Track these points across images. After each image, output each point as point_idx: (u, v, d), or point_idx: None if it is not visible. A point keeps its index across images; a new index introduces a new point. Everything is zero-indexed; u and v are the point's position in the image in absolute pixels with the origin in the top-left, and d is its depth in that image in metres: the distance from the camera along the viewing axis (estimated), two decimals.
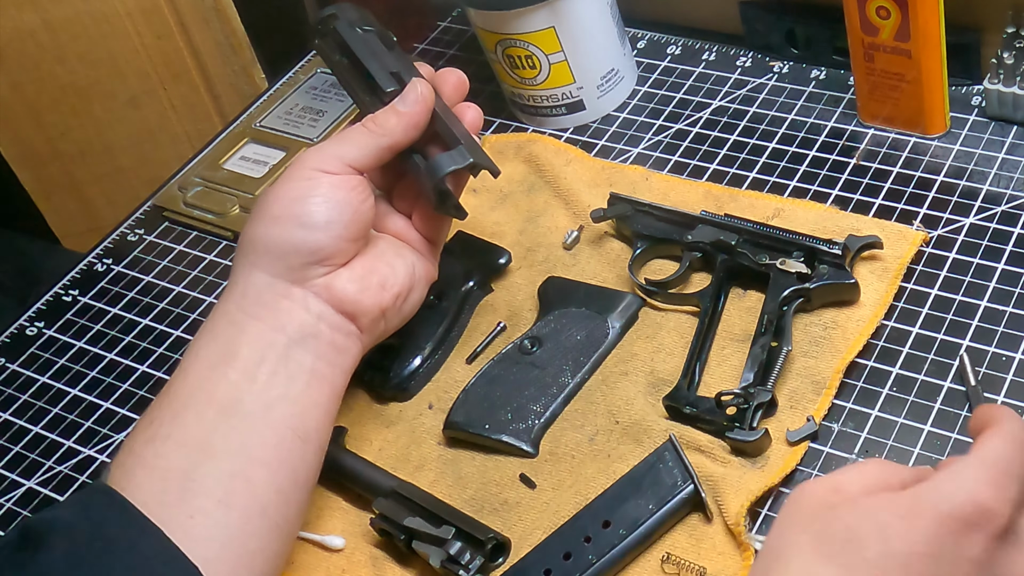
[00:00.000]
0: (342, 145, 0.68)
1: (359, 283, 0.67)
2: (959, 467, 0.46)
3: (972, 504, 0.44)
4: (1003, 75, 0.78)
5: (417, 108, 0.69)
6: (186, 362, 0.65)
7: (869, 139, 0.83)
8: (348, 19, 0.74)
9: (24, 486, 0.78)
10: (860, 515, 0.45)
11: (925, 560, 0.44)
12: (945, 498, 0.44)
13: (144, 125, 1.20)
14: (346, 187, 0.66)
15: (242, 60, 1.15)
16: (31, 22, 1.13)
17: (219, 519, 0.59)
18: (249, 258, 0.67)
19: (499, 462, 0.70)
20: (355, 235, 0.67)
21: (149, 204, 0.97)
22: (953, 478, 0.45)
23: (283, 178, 0.67)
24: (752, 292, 0.75)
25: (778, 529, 0.47)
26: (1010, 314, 0.70)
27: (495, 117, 0.95)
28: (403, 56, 0.73)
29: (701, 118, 0.88)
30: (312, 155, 0.68)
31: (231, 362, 0.64)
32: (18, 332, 0.89)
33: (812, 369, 0.69)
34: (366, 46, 0.72)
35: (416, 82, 0.70)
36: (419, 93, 0.69)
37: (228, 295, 0.67)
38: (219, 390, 0.63)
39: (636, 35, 0.97)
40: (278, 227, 0.66)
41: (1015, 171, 0.78)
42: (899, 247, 0.74)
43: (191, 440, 0.61)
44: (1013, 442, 0.46)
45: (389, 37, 0.74)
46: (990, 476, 0.45)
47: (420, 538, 0.65)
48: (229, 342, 0.65)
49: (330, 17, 0.74)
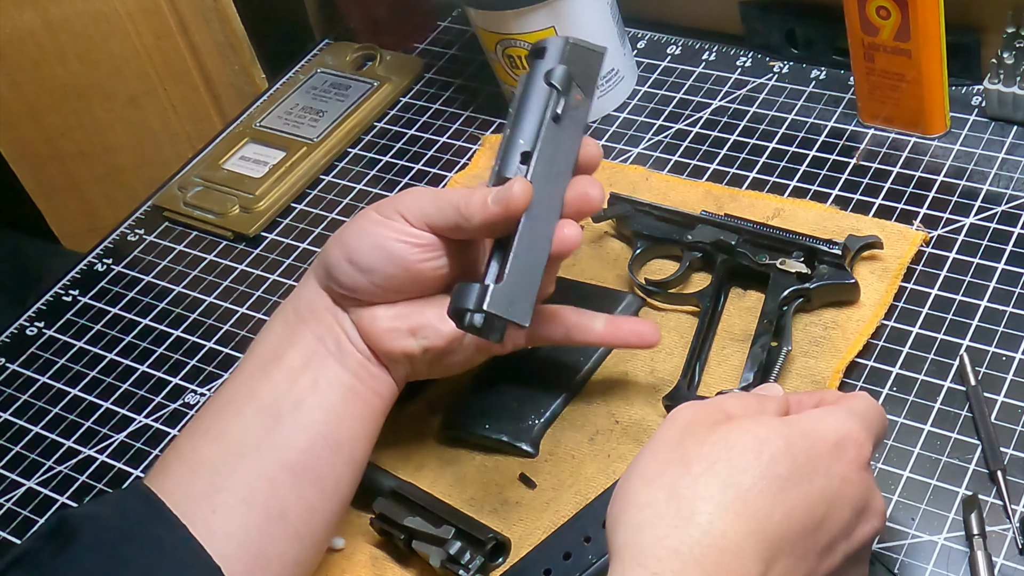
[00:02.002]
0: (432, 201, 0.64)
1: (390, 323, 0.65)
2: (832, 408, 0.54)
3: (845, 432, 0.53)
4: (1003, 75, 0.78)
5: (497, 211, 0.61)
6: (245, 358, 0.66)
7: (869, 139, 0.83)
8: (553, 59, 0.64)
9: (24, 486, 0.78)
10: (750, 432, 0.51)
11: (805, 468, 0.51)
12: (823, 425, 0.53)
13: (144, 125, 1.20)
14: (410, 241, 0.64)
15: (242, 60, 1.15)
16: (31, 22, 1.13)
17: (240, 517, 0.60)
18: (316, 264, 0.67)
19: (499, 462, 0.70)
20: (399, 287, 0.65)
21: (149, 204, 0.97)
22: (829, 414, 0.54)
23: (379, 203, 0.66)
24: (752, 292, 0.75)
25: (669, 441, 0.52)
26: (1010, 314, 0.70)
27: (495, 117, 0.95)
28: (567, 131, 0.63)
29: (701, 118, 0.88)
30: (408, 197, 0.65)
31: (278, 363, 0.64)
32: (18, 332, 0.89)
33: (812, 369, 0.69)
34: (528, 108, 0.63)
35: (517, 183, 0.61)
36: (511, 196, 0.61)
37: (293, 294, 0.68)
38: (261, 389, 0.64)
39: (636, 35, 0.97)
40: (337, 249, 0.65)
41: (1015, 171, 0.78)
42: (899, 247, 0.74)
43: (226, 435, 0.62)
44: (874, 405, 0.56)
45: (577, 105, 0.64)
46: (857, 419, 0.54)
47: (420, 538, 0.65)
48: (280, 342, 0.66)
49: (541, 50, 0.65)
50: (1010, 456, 0.63)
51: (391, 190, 0.91)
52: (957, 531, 0.61)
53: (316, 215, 0.91)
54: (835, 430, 0.52)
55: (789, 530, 0.49)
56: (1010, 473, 0.62)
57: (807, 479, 0.50)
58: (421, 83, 1.00)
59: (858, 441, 0.53)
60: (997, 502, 0.62)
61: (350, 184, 0.93)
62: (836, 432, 0.52)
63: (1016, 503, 0.61)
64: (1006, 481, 0.62)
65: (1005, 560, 0.59)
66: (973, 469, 0.63)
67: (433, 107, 0.98)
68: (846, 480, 0.51)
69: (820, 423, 0.53)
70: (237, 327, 0.84)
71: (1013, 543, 0.60)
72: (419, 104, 0.99)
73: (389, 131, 0.97)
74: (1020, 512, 0.61)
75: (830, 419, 0.53)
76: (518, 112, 0.63)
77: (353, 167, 0.95)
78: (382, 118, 0.98)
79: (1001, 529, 0.61)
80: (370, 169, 0.94)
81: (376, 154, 0.95)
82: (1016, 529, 0.60)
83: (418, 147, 0.94)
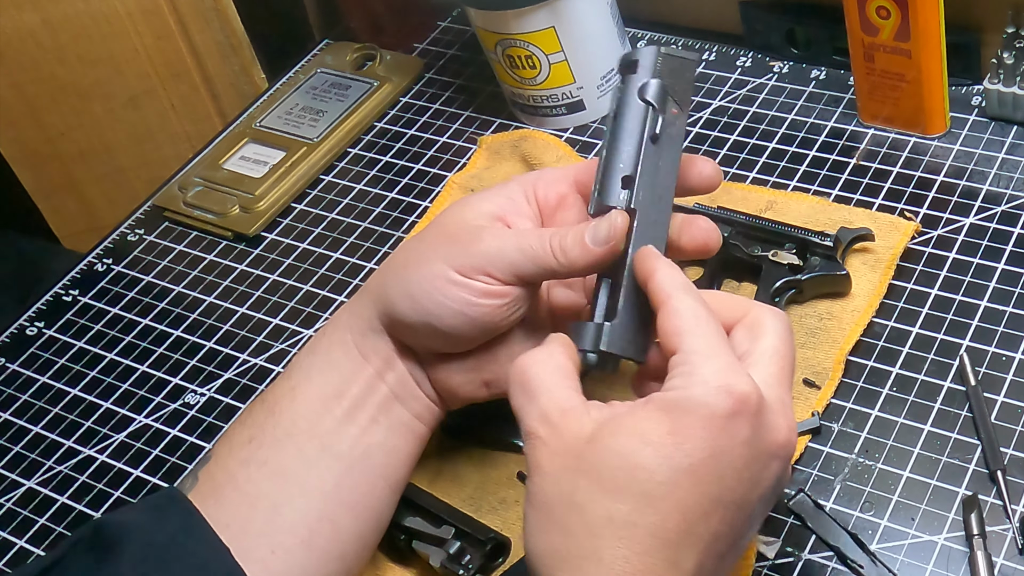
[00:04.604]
0: (519, 248, 0.58)
1: (465, 376, 0.63)
2: (692, 370, 0.49)
3: (727, 396, 0.48)
4: (1003, 75, 0.78)
5: (600, 252, 0.57)
6: (296, 378, 0.62)
7: (869, 139, 0.83)
8: (646, 72, 0.59)
9: (24, 486, 0.78)
10: (630, 441, 0.48)
11: (708, 462, 0.48)
12: (701, 403, 0.48)
13: (144, 125, 1.20)
14: (496, 304, 0.59)
15: (242, 60, 1.15)
16: (31, 22, 1.13)
17: (299, 559, 0.58)
18: (384, 292, 0.61)
19: (497, 460, 0.70)
20: (475, 341, 0.61)
21: (149, 204, 0.97)
22: (696, 383, 0.49)
23: (455, 252, 0.59)
24: (745, 284, 0.75)
25: (549, 477, 0.49)
26: (1010, 314, 0.70)
27: (495, 117, 0.95)
28: (665, 150, 0.58)
29: (701, 118, 0.88)
30: (489, 245, 0.59)
31: (339, 400, 0.61)
32: (18, 332, 0.89)
33: (810, 360, 0.69)
34: (624, 128, 0.58)
35: (614, 215, 0.57)
36: (614, 231, 0.57)
37: (353, 317, 0.63)
38: (323, 425, 0.61)
39: (636, 35, 0.97)
40: (408, 307, 0.60)
41: (1015, 171, 0.78)
42: (891, 238, 0.74)
43: (287, 473, 0.60)
44: (719, 334, 0.51)
45: (673, 120, 0.59)
46: (723, 365, 0.49)
47: (420, 538, 0.65)
48: (343, 379, 0.62)
49: (633, 63, 0.59)
50: (1010, 456, 0.63)
51: (391, 190, 0.91)
52: (957, 531, 0.61)
53: (316, 215, 0.91)
54: (716, 402, 0.48)
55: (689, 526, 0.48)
56: (1010, 473, 0.62)
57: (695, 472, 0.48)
58: (421, 83, 1.00)
59: (742, 394, 0.49)
60: (997, 502, 0.62)
61: (350, 184, 0.93)
62: (718, 403, 0.48)
63: (1016, 503, 0.61)
64: (1006, 481, 0.62)
65: (1005, 560, 0.59)
66: (973, 469, 0.63)
67: (433, 107, 0.98)
68: (746, 443, 0.49)
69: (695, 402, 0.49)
70: (237, 327, 0.84)
71: (1013, 543, 0.60)
72: (419, 104, 0.99)
73: (389, 131, 0.97)
74: (1020, 512, 0.61)
75: (697, 390, 0.49)
76: (613, 132, 0.59)
77: (353, 167, 0.95)
78: (382, 118, 0.98)
79: (1001, 529, 0.61)
80: (370, 169, 0.94)
81: (376, 154, 0.95)
82: (1016, 529, 0.60)
83: (418, 147, 0.94)
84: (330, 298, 0.84)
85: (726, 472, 0.49)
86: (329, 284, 0.85)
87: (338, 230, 0.89)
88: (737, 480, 0.49)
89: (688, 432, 0.48)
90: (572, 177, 0.64)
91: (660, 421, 0.49)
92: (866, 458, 0.65)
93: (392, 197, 0.91)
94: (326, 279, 0.86)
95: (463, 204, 0.63)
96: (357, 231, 0.89)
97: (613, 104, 0.60)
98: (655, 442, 0.48)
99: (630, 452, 0.48)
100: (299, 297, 0.85)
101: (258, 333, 0.83)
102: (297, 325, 0.83)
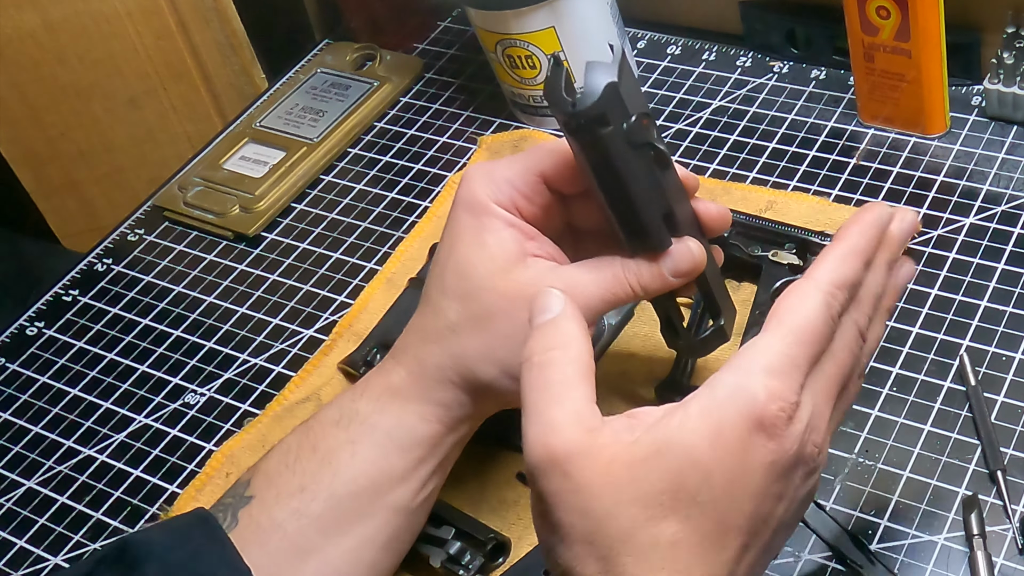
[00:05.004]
0: (596, 283, 0.58)
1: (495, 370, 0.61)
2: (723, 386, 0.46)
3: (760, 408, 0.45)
4: (1003, 75, 0.78)
5: (682, 280, 0.58)
6: (355, 432, 0.60)
7: (869, 139, 0.83)
8: (617, 115, 0.53)
9: (24, 486, 0.78)
10: (673, 458, 0.45)
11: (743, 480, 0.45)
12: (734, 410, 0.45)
13: (144, 125, 1.20)
14: None
15: (242, 60, 1.15)
16: (31, 22, 1.13)
17: None
18: (461, 356, 0.60)
19: (497, 460, 0.70)
20: None
21: (149, 204, 0.97)
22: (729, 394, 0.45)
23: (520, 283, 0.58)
24: (746, 284, 0.75)
25: (592, 501, 0.45)
26: (1010, 314, 0.70)
27: (495, 117, 0.95)
28: (674, 179, 0.58)
29: (701, 118, 0.88)
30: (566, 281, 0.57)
31: (403, 455, 0.60)
32: (18, 332, 0.89)
33: None
34: (634, 179, 0.55)
35: (689, 244, 0.58)
36: (693, 259, 0.58)
37: (418, 377, 0.61)
38: (385, 482, 0.60)
39: (636, 35, 0.97)
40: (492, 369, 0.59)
41: (1015, 171, 0.78)
42: None
43: (342, 527, 0.59)
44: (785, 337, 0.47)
45: (664, 155, 0.55)
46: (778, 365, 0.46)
47: (420, 538, 0.65)
48: (419, 442, 0.61)
49: (601, 116, 0.53)
50: (1010, 456, 0.63)
51: (391, 190, 0.91)
52: (957, 531, 0.61)
53: (316, 215, 0.91)
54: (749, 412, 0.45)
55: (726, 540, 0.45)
56: (1010, 473, 0.62)
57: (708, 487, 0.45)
58: (421, 83, 1.01)
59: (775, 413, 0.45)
60: (997, 502, 0.62)
61: (350, 184, 0.93)
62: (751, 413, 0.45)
63: (1016, 503, 0.61)
64: (1006, 481, 0.62)
65: (1005, 560, 0.59)
66: (973, 469, 0.63)
67: (433, 107, 0.98)
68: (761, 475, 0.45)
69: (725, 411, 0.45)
70: (237, 327, 0.84)
71: (1013, 543, 0.60)
72: (419, 104, 0.99)
73: (389, 131, 0.97)
74: (1020, 512, 0.61)
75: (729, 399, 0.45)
76: (625, 190, 0.55)
77: (353, 167, 0.95)
78: (382, 118, 0.98)
79: (1001, 529, 0.61)
80: (370, 169, 0.94)
81: (376, 154, 0.95)
82: (1016, 529, 0.60)
83: (418, 147, 0.94)
84: (330, 298, 0.84)
85: (757, 490, 0.46)
86: (329, 284, 0.85)
87: (338, 230, 0.89)
88: (771, 497, 0.47)
89: (722, 442, 0.45)
90: (537, 170, 0.60)
91: (700, 431, 0.45)
92: (866, 458, 0.65)
93: (392, 197, 0.91)
94: (326, 279, 0.86)
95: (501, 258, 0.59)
96: (357, 231, 0.89)
97: (592, 157, 0.55)
98: (695, 456, 0.45)
99: (673, 467, 0.45)
100: (299, 297, 0.85)
101: (258, 333, 0.83)
102: (297, 325, 0.83)
